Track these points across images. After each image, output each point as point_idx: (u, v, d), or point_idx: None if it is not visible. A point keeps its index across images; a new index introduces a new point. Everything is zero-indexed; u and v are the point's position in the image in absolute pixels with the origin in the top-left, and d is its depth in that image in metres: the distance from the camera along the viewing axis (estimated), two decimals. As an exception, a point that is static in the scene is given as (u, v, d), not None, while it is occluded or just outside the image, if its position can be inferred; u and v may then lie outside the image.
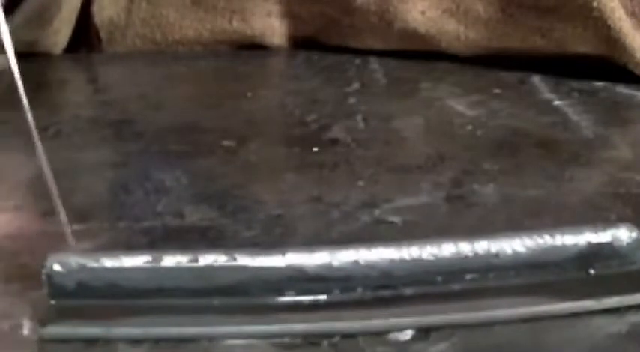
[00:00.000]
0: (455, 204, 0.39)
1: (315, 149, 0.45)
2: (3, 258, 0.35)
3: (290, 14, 0.60)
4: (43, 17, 0.57)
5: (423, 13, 0.57)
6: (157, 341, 0.30)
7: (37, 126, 0.48)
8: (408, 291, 0.32)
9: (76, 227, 0.37)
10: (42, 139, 0.46)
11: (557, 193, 0.40)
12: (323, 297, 0.32)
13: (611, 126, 0.47)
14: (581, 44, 0.53)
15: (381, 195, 0.40)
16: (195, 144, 0.46)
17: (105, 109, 0.51)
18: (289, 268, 0.32)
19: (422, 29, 0.57)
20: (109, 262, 0.31)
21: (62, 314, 0.31)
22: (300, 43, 0.60)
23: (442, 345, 0.30)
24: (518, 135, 0.46)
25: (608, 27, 0.52)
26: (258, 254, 0.32)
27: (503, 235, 0.33)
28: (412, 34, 0.57)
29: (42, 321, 0.31)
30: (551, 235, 0.33)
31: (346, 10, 0.58)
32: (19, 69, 0.34)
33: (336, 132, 0.47)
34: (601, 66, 0.53)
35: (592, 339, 0.30)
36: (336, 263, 0.32)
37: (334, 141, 0.46)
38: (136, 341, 0.30)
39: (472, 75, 0.55)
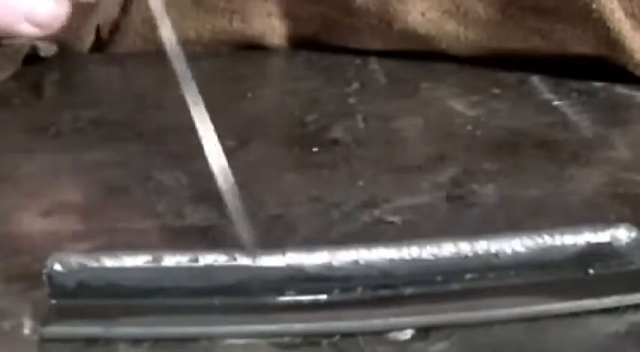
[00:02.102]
0: (455, 204, 0.39)
1: (315, 149, 0.45)
2: (3, 258, 0.35)
3: (290, 15, 0.60)
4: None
5: (422, 14, 0.57)
6: (157, 340, 0.30)
7: (37, 126, 0.48)
8: (408, 291, 0.32)
9: (76, 227, 0.38)
10: (42, 139, 0.47)
11: (557, 193, 0.40)
12: (323, 297, 0.32)
13: (611, 127, 0.47)
14: (580, 45, 0.53)
15: (381, 195, 0.40)
16: (195, 144, 0.46)
17: (105, 109, 0.50)
18: (289, 268, 0.32)
19: (422, 30, 0.57)
20: (109, 262, 0.31)
21: (63, 314, 0.31)
22: (300, 43, 0.60)
23: (442, 345, 0.30)
24: (518, 135, 0.46)
25: (608, 28, 0.52)
26: (258, 254, 0.32)
27: (503, 235, 0.33)
28: (412, 35, 0.57)
29: (42, 321, 0.31)
30: (551, 235, 0.33)
31: (346, 11, 0.58)
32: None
33: (336, 132, 0.47)
34: (601, 66, 0.53)
35: (591, 339, 0.30)
36: (336, 263, 0.32)
37: (334, 141, 0.46)
38: (136, 341, 0.30)
39: (472, 75, 0.55)
